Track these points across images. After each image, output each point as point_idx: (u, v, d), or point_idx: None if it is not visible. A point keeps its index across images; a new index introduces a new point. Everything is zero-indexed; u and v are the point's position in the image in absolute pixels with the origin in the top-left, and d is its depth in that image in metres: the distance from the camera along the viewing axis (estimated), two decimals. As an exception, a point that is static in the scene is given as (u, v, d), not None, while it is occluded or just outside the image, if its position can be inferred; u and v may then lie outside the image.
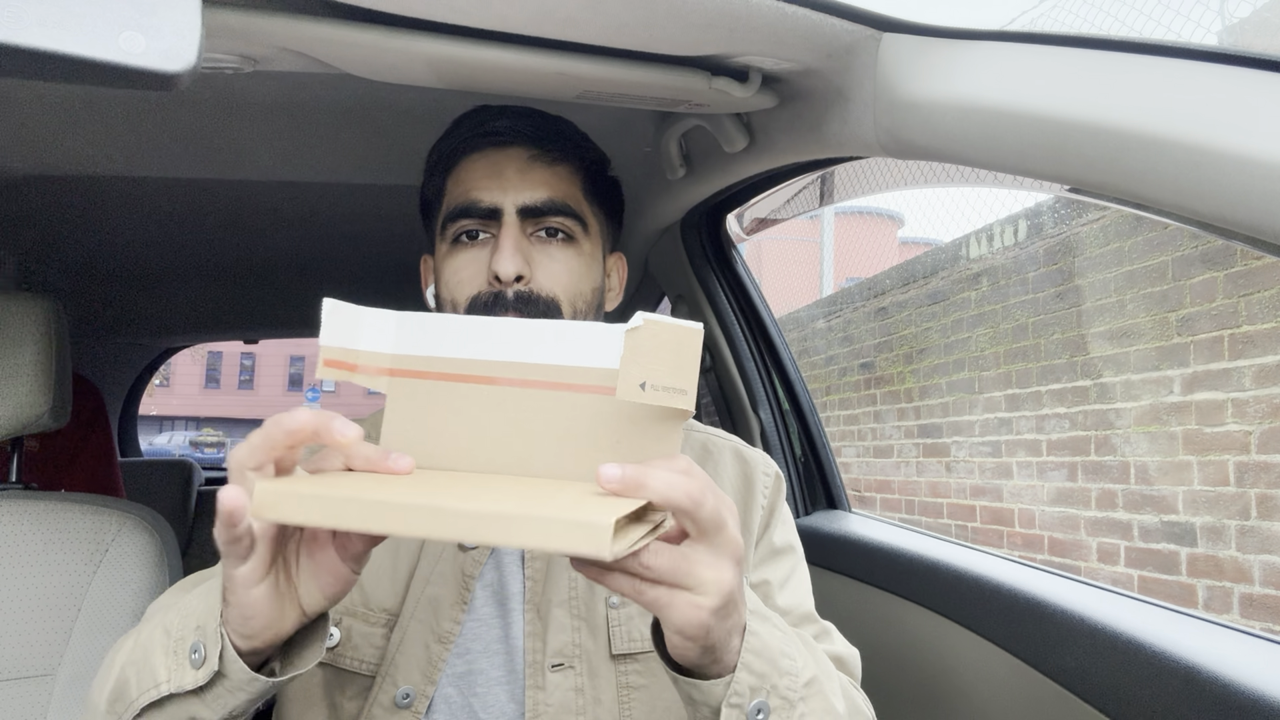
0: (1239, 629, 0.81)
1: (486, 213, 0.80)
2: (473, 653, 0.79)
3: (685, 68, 0.83)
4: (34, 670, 1.02)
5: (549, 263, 0.80)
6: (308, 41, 0.74)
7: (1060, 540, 3.91)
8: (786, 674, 0.59)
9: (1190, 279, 3.24)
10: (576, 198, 0.84)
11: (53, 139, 1.18)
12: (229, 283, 2.16)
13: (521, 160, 0.81)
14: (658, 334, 0.50)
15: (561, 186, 0.82)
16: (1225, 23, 3.31)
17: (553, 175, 0.82)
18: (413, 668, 0.78)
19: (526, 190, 0.80)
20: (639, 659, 0.79)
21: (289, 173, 1.36)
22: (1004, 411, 4.28)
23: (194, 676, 0.58)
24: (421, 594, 0.80)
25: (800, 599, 0.86)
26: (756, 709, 0.57)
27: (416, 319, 0.56)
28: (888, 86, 0.73)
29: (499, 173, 0.81)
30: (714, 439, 0.93)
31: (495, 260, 0.78)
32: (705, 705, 0.57)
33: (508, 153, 0.82)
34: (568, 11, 0.70)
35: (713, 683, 0.57)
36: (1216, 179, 0.50)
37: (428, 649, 0.78)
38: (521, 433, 0.55)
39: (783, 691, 0.58)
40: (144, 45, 0.48)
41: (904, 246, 11.10)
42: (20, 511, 1.06)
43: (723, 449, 0.92)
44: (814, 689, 0.61)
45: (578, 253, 0.82)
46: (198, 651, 0.58)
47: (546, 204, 0.81)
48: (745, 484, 0.89)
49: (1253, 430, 3.00)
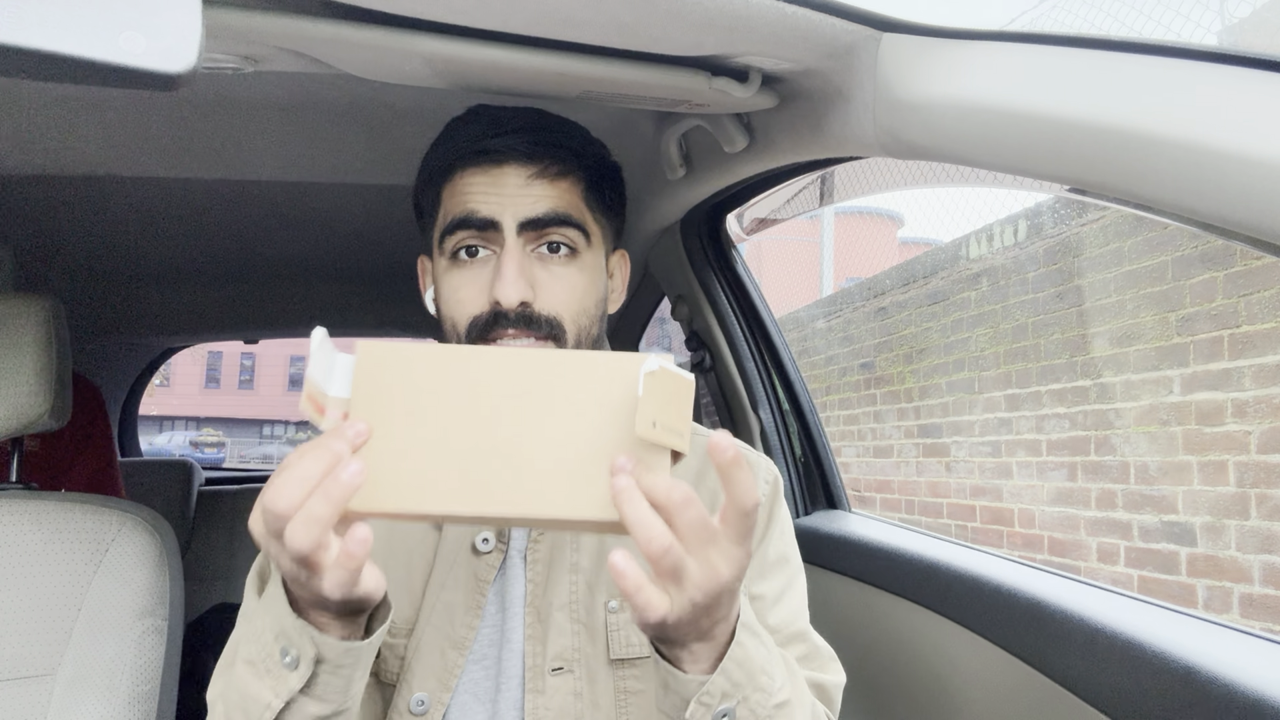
0: (1239, 629, 0.81)
1: (485, 224, 0.77)
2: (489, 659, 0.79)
3: (685, 68, 0.82)
4: (34, 670, 1.02)
5: (552, 282, 0.78)
6: (308, 41, 0.74)
7: (1060, 540, 3.91)
8: (761, 690, 0.62)
9: (1190, 279, 3.24)
10: (579, 207, 0.80)
11: (53, 139, 1.18)
12: (229, 283, 2.16)
13: (520, 178, 0.78)
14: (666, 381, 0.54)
15: (563, 198, 0.79)
16: (1225, 23, 3.31)
17: (553, 189, 0.79)
18: (429, 675, 0.77)
19: (526, 204, 0.77)
20: (637, 664, 0.79)
21: (289, 173, 1.36)
22: (1004, 411, 4.28)
23: (298, 676, 0.59)
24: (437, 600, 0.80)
25: (793, 616, 0.85)
26: (723, 713, 0.60)
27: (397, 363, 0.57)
28: (888, 86, 0.73)
29: (498, 188, 0.78)
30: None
31: (497, 286, 0.75)
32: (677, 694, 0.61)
33: (505, 169, 0.78)
34: (568, 11, 0.70)
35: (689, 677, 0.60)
36: (1216, 179, 0.51)
37: (444, 655, 0.78)
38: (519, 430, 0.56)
39: (753, 705, 0.61)
40: (144, 45, 0.48)
41: (904, 246, 11.10)
42: (20, 511, 1.06)
43: None
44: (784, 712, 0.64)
45: (581, 267, 0.80)
46: (288, 654, 0.59)
47: (548, 216, 0.77)
48: None
49: (1253, 430, 3.00)
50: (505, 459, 0.55)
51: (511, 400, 0.55)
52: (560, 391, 0.56)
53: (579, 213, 0.80)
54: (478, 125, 0.79)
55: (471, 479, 0.55)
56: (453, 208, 0.79)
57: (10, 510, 1.06)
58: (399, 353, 0.57)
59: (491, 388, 0.56)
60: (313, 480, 0.52)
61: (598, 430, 0.55)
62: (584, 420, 0.55)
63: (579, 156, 0.81)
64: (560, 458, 0.55)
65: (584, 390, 0.56)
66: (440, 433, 0.55)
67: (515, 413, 0.55)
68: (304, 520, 0.52)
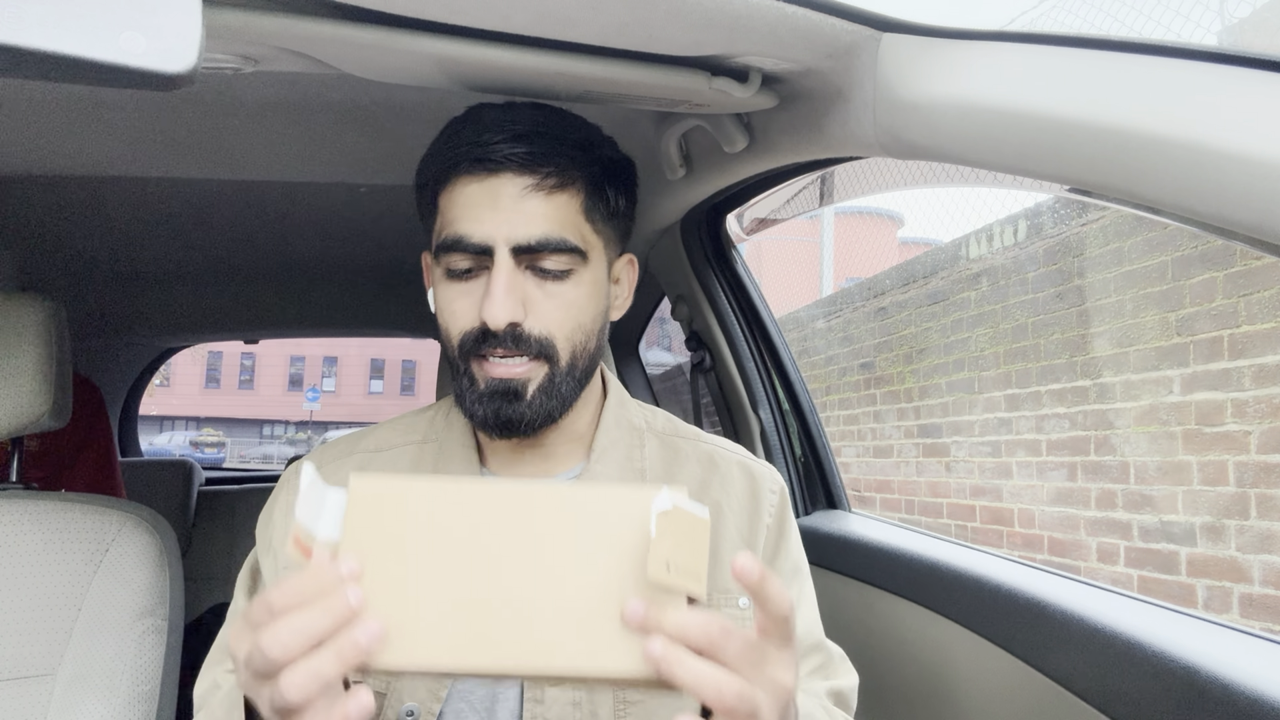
0: (1239, 629, 0.81)
1: (478, 249, 0.74)
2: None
3: (685, 68, 0.82)
4: (34, 670, 1.02)
5: (545, 301, 0.76)
6: (308, 41, 0.74)
7: (1060, 540, 3.91)
8: None
9: (1190, 279, 3.24)
10: (576, 224, 0.77)
11: (53, 139, 1.18)
12: (229, 283, 2.16)
13: (516, 190, 0.74)
14: (680, 520, 0.52)
15: (559, 216, 0.75)
16: (1225, 23, 3.31)
17: (549, 206, 0.75)
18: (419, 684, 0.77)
19: (521, 226, 0.74)
20: None
21: (289, 173, 1.36)
22: (1004, 411, 4.28)
23: None
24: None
25: (810, 627, 0.85)
26: None
27: (393, 501, 0.53)
28: (888, 86, 0.73)
29: (492, 203, 0.74)
30: (720, 451, 0.90)
31: (485, 307, 0.73)
32: None
33: (502, 179, 0.74)
34: (568, 11, 0.70)
35: None
36: (1216, 179, 0.51)
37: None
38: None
39: None
40: (144, 45, 0.48)
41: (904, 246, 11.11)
42: (20, 511, 1.06)
43: (730, 463, 0.89)
44: None
45: (577, 283, 0.77)
46: None
47: (541, 242, 0.74)
48: (751, 500, 0.87)
49: (1252, 430, 3.00)
50: (515, 610, 0.51)
51: (517, 544, 0.53)
52: (569, 533, 0.53)
53: (576, 231, 0.77)
54: (475, 128, 0.76)
55: (479, 632, 0.51)
56: (447, 223, 0.77)
57: (10, 510, 1.06)
58: (394, 489, 0.53)
59: (495, 529, 0.53)
60: (315, 634, 0.50)
61: (609, 575, 0.52)
62: (594, 564, 0.52)
63: (580, 160, 0.77)
64: (572, 607, 0.52)
65: (593, 532, 0.53)
66: (443, 580, 0.52)
67: (521, 557, 0.52)
68: (306, 674, 0.49)
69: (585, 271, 0.78)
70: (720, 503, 0.85)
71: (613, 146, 0.83)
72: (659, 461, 0.87)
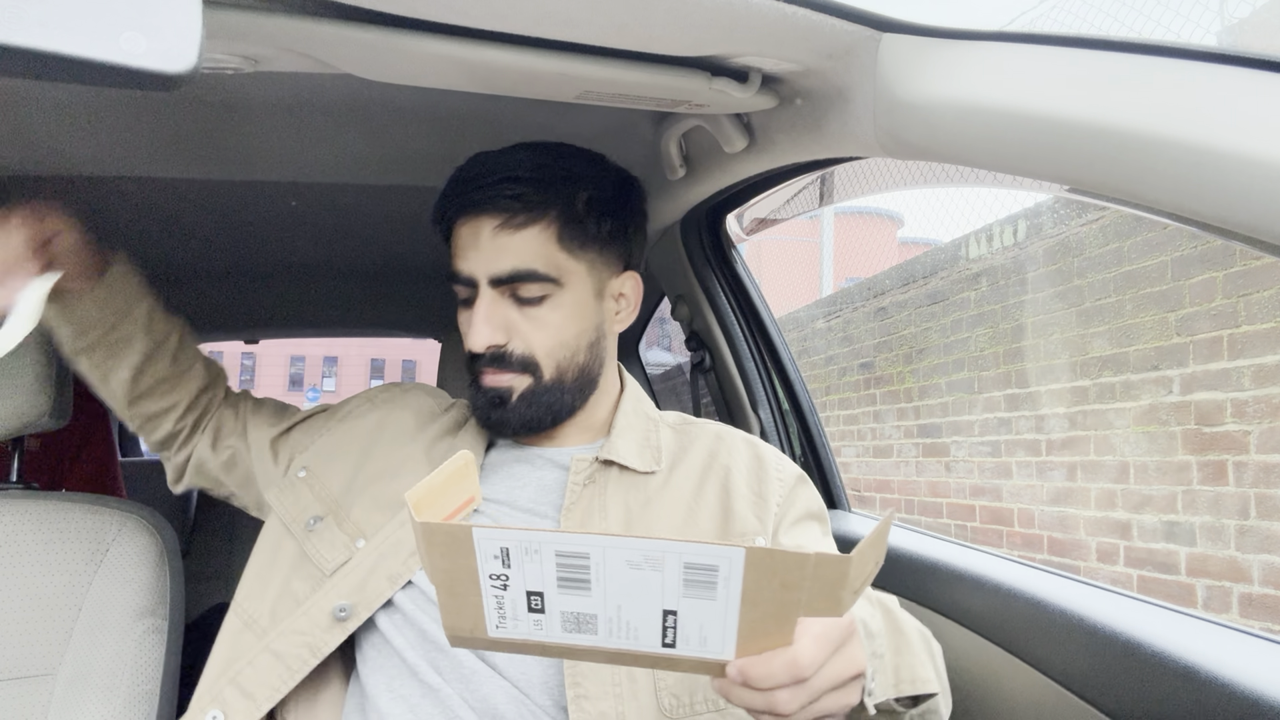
0: (1239, 629, 0.81)
1: (467, 281, 0.88)
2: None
3: (685, 68, 0.83)
4: (34, 670, 1.02)
5: (525, 323, 0.87)
6: (308, 41, 0.74)
7: (1060, 540, 3.91)
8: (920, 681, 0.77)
9: (1190, 279, 3.24)
10: (549, 254, 0.86)
11: (53, 139, 1.18)
12: (229, 283, 2.16)
13: (489, 229, 0.86)
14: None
15: (529, 250, 0.85)
16: (1225, 23, 3.31)
17: (518, 241, 0.85)
18: (355, 589, 0.83)
19: (494, 261, 0.85)
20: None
21: (290, 173, 1.36)
22: (1003, 411, 4.28)
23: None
24: (395, 532, 0.86)
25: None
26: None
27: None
28: (888, 86, 0.73)
29: (474, 242, 0.87)
30: (727, 429, 1.00)
31: (470, 334, 0.87)
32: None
33: (480, 220, 0.86)
34: (568, 11, 0.70)
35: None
36: (1216, 179, 0.51)
37: (374, 578, 0.84)
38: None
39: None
40: (144, 45, 0.48)
41: (904, 246, 11.11)
42: (21, 511, 1.06)
43: (735, 437, 0.98)
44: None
45: (555, 306, 0.87)
46: None
47: (511, 275, 0.85)
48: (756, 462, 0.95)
49: (1252, 430, 3.00)
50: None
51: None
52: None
53: (549, 260, 0.86)
54: (464, 178, 0.88)
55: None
56: (451, 259, 0.90)
57: (10, 510, 1.06)
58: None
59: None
60: None
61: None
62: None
63: (554, 197, 0.87)
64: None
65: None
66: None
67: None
68: None
69: (563, 295, 0.87)
70: (729, 465, 0.94)
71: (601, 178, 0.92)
72: (673, 443, 0.96)
